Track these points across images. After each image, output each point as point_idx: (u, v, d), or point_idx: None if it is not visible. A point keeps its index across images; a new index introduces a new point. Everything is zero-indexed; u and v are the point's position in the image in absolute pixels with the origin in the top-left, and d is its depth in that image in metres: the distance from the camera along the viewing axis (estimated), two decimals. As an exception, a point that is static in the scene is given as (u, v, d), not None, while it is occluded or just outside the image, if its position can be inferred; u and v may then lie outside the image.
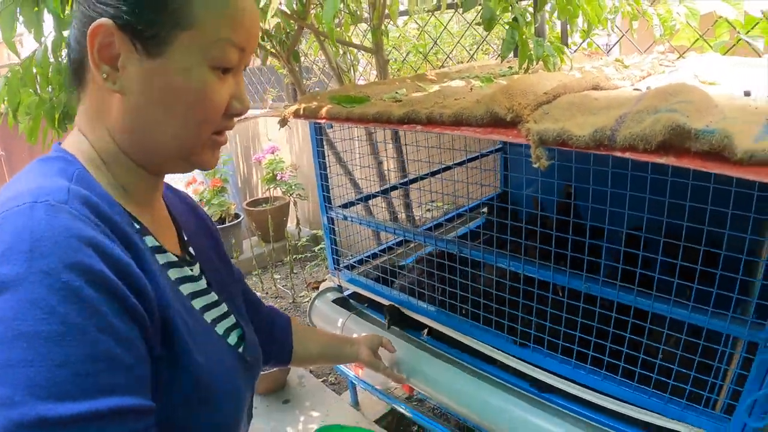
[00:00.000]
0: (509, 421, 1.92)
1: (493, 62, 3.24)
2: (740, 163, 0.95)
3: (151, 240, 0.88)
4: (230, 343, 1.02)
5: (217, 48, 0.83)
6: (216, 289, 1.05)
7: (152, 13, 0.78)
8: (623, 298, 1.66)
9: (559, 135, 1.15)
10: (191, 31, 0.80)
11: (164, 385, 0.80)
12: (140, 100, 0.82)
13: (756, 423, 1.53)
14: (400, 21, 4.45)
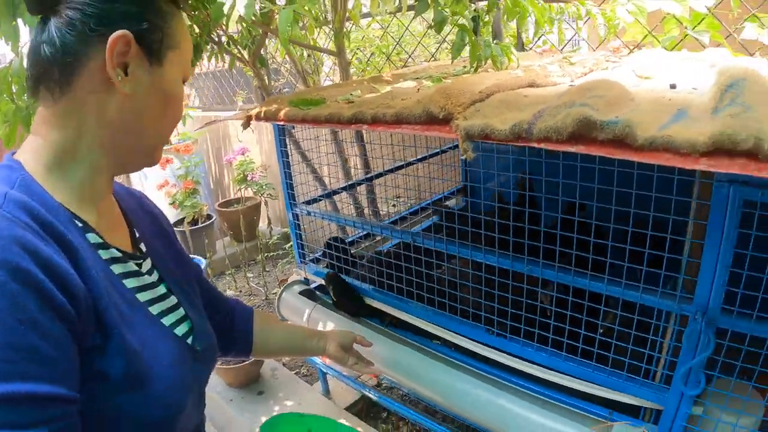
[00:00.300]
0: (460, 395, 2.08)
1: (444, 63, 3.38)
2: (641, 149, 1.12)
3: (94, 237, 0.98)
4: (177, 334, 1.11)
5: (187, 65, 1.05)
6: (167, 282, 1.16)
7: (159, 32, 0.97)
8: (562, 278, 1.81)
9: (483, 130, 1.31)
10: (177, 50, 1.01)
11: (98, 374, 0.89)
12: (145, 101, 0.98)
13: (692, 391, 1.67)
14: (364, 22, 4.58)
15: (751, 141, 1.02)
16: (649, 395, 1.80)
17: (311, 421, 1.63)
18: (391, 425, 3.12)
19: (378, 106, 1.68)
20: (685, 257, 1.62)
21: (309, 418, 1.64)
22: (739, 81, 1.34)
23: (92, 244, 0.97)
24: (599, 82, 1.41)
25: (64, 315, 0.81)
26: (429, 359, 2.21)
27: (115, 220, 1.12)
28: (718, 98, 1.28)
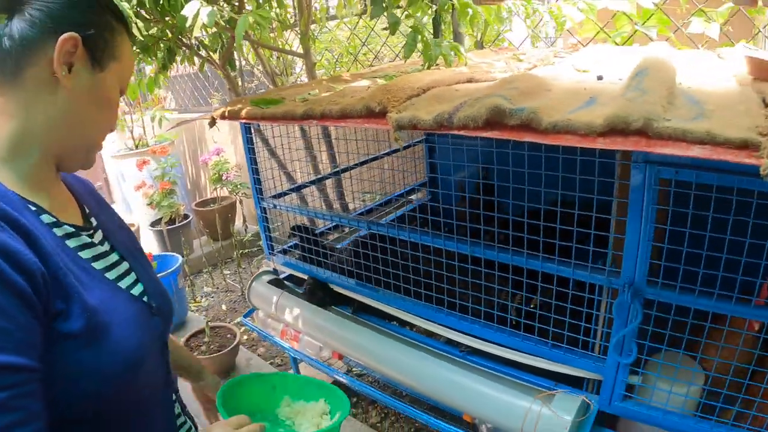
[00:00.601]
0: (418, 373, 2.23)
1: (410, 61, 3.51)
2: (546, 132, 1.27)
3: (47, 218, 1.08)
4: (134, 294, 1.21)
5: (125, 78, 1.17)
6: (119, 251, 1.25)
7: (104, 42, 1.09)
8: (501, 257, 1.94)
9: (411, 120, 1.46)
10: (118, 63, 1.12)
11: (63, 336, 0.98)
12: (83, 99, 1.07)
13: (625, 360, 1.80)
14: (333, 23, 4.70)
15: (641, 121, 1.17)
16: (589, 366, 1.93)
17: (273, 378, 1.66)
18: (360, 409, 3.26)
19: (327, 104, 1.82)
20: (612, 234, 1.75)
21: (269, 376, 1.66)
22: (644, 69, 1.49)
23: (46, 224, 1.06)
24: (520, 76, 1.56)
25: (19, 291, 0.90)
26: (390, 341, 2.35)
27: (66, 200, 1.21)
28: (627, 85, 1.43)
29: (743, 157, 1.10)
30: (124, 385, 1.09)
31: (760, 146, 1.09)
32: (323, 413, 1.57)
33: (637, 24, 3.12)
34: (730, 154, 1.11)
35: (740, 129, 1.16)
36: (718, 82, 1.70)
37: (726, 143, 1.12)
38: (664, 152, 1.15)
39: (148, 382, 1.19)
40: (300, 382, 1.66)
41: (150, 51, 3.27)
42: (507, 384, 2.03)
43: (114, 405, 1.09)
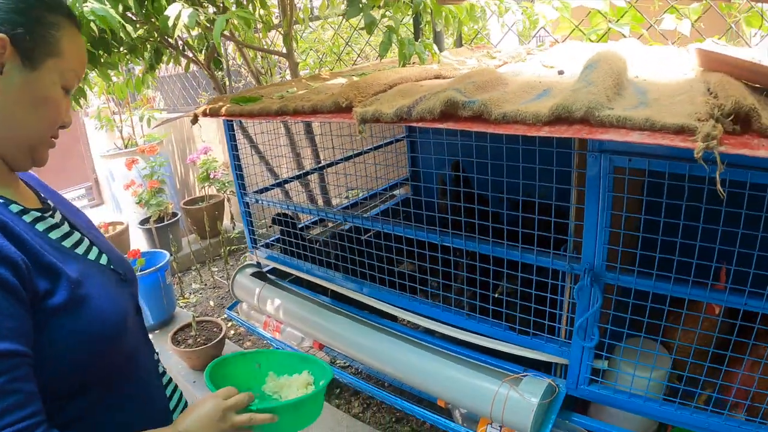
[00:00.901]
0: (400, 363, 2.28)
1: (389, 60, 3.58)
2: (496, 122, 1.35)
3: (15, 207, 1.14)
4: (102, 264, 1.29)
5: (69, 75, 1.16)
6: (77, 229, 1.31)
7: (37, 39, 1.09)
8: (469, 245, 2.02)
9: (374, 114, 1.55)
10: (57, 59, 1.12)
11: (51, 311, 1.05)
12: (15, 99, 1.08)
13: (589, 344, 1.88)
14: (317, 23, 4.77)
15: (583, 110, 1.25)
16: (555, 350, 2.01)
17: (256, 355, 1.68)
18: (343, 400, 3.33)
19: (300, 100, 1.91)
20: (572, 221, 1.82)
21: (253, 354, 1.69)
22: (594, 63, 1.57)
23: (15, 213, 1.13)
24: (480, 71, 1.64)
25: (6, 284, 0.96)
26: (365, 329, 2.42)
27: (23, 190, 1.27)
28: (577, 78, 1.51)
29: (678, 141, 1.18)
30: (109, 349, 1.16)
31: (695, 131, 1.16)
32: (308, 384, 1.61)
33: (611, 22, 3.20)
34: (667, 139, 1.19)
35: (679, 116, 1.24)
36: (671, 74, 1.78)
37: (663, 129, 1.20)
38: (605, 138, 1.23)
39: (132, 343, 1.27)
40: (283, 357, 1.71)
41: (137, 52, 3.34)
42: (477, 369, 2.10)
43: (102, 371, 1.16)
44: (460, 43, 3.72)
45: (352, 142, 3.16)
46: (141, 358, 1.33)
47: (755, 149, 1.15)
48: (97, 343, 1.12)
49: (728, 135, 1.21)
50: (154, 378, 1.39)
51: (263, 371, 1.65)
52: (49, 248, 1.12)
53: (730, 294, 1.61)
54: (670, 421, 1.89)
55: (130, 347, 1.26)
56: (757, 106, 1.22)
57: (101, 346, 1.13)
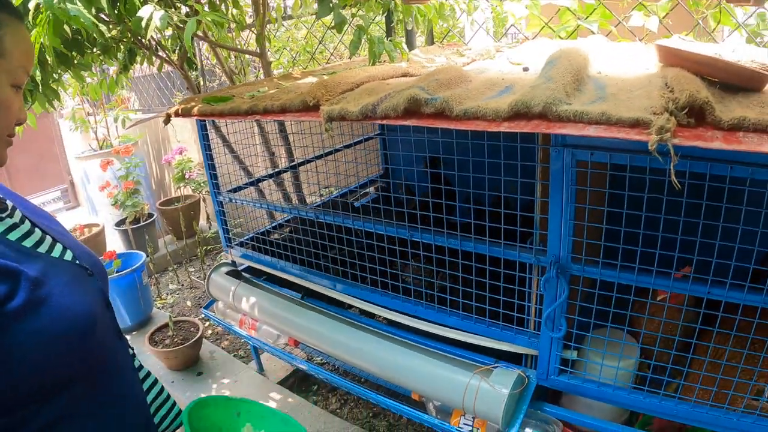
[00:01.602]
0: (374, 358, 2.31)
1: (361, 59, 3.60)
2: (457, 118, 1.39)
3: None
4: (67, 260, 1.27)
5: (17, 72, 1.13)
6: (39, 227, 1.29)
7: None
8: (438, 240, 2.05)
9: (340, 112, 1.59)
10: (2, 59, 1.09)
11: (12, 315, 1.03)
12: None
13: (557, 334, 1.91)
14: (291, 22, 4.79)
15: (541, 105, 1.29)
16: (524, 342, 2.05)
17: (239, 404, 1.67)
18: (321, 396, 3.35)
19: (270, 100, 1.93)
20: (537, 214, 1.86)
21: (236, 401, 1.67)
22: (554, 59, 1.61)
23: None
24: (444, 69, 1.68)
25: None
26: (339, 325, 2.45)
27: None
28: (538, 75, 1.55)
29: (634, 134, 1.22)
30: (81, 345, 1.15)
31: (650, 124, 1.20)
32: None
33: (580, 19, 3.24)
34: (623, 132, 1.23)
35: (634, 110, 1.28)
36: (633, 69, 1.82)
37: (619, 123, 1.25)
38: (563, 133, 1.27)
39: (103, 339, 1.25)
40: (265, 412, 1.69)
41: (111, 52, 3.33)
42: (449, 361, 2.13)
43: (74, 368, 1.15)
44: (432, 41, 3.75)
45: (323, 140, 3.16)
46: (114, 354, 1.32)
47: (709, 141, 1.19)
48: (65, 341, 1.11)
49: (682, 128, 1.25)
50: (129, 373, 1.38)
51: (242, 421, 1.63)
52: (7, 251, 1.11)
53: (693, 283, 1.64)
54: (640, 409, 1.94)
55: (102, 342, 1.25)
56: (712, 100, 1.26)
57: (69, 344, 1.12)
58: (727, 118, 1.23)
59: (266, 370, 3.49)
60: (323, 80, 1.85)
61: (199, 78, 4.54)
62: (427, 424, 2.22)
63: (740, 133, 1.22)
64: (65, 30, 2.44)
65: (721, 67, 1.53)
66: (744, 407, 1.72)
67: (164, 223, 5.80)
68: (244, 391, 3.24)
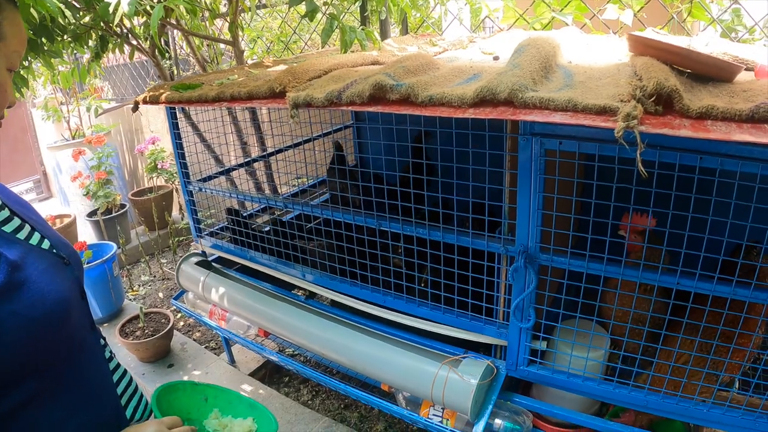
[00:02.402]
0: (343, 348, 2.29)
1: (334, 48, 3.58)
2: (423, 104, 1.38)
3: None
4: (44, 248, 1.28)
5: (13, 56, 1.16)
6: (19, 216, 1.30)
7: None
8: (406, 229, 2.04)
9: (305, 99, 1.57)
10: (1, 43, 1.11)
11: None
12: None
13: (525, 324, 1.91)
14: (265, 11, 4.75)
15: (506, 92, 1.27)
16: (493, 332, 2.04)
17: (206, 389, 1.67)
18: (292, 388, 3.34)
19: (237, 87, 1.91)
20: (505, 204, 1.85)
21: (203, 387, 1.67)
22: (523, 47, 1.60)
23: None
24: (412, 56, 1.67)
25: None
26: (308, 315, 2.44)
27: None
28: (507, 62, 1.53)
29: (600, 122, 1.21)
30: (54, 332, 1.16)
31: (617, 111, 1.19)
32: (249, 431, 1.59)
33: (555, 11, 3.24)
34: (589, 119, 1.22)
35: (601, 97, 1.27)
36: (603, 59, 1.81)
37: (585, 110, 1.23)
38: (528, 119, 1.26)
39: (76, 328, 1.26)
40: (232, 397, 1.69)
41: (81, 40, 3.28)
42: (417, 352, 2.13)
43: (45, 356, 1.15)
44: (406, 31, 3.73)
45: (293, 130, 3.13)
46: (86, 343, 1.32)
47: (676, 129, 1.18)
48: (40, 326, 1.12)
49: (650, 115, 1.24)
50: (100, 363, 1.38)
51: (209, 406, 1.64)
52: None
53: (663, 274, 1.64)
54: (609, 400, 1.95)
55: (76, 331, 1.26)
56: (680, 88, 1.26)
57: (44, 329, 1.13)
58: (695, 107, 1.22)
59: (237, 362, 3.46)
60: (292, 67, 1.82)
61: (172, 67, 4.49)
62: (397, 415, 2.21)
63: (708, 122, 1.21)
64: (32, 15, 2.39)
65: (691, 57, 1.53)
66: (714, 398, 1.73)
67: (137, 213, 5.74)
68: (215, 383, 3.19)
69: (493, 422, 2.00)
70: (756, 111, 1.17)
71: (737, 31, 3.30)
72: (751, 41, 3.29)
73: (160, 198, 5.60)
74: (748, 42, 3.26)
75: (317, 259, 2.39)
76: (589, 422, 1.99)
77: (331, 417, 3.00)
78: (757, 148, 1.37)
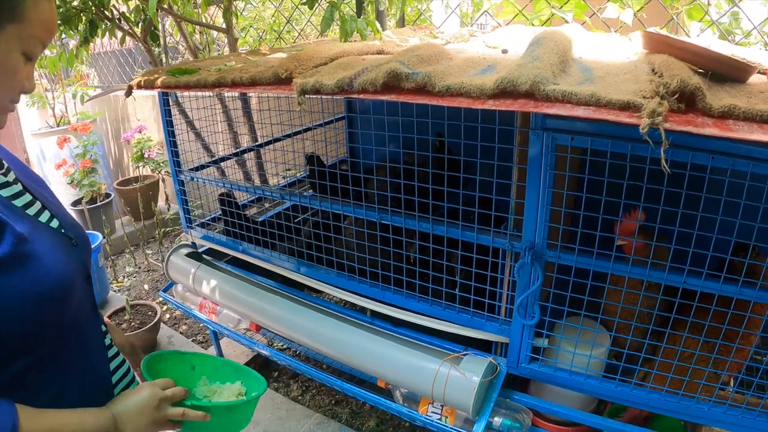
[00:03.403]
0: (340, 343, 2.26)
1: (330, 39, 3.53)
2: (440, 94, 1.34)
3: None
4: (53, 227, 1.27)
5: (31, 42, 1.10)
6: (30, 192, 1.29)
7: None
8: (409, 224, 2.00)
9: (314, 85, 1.51)
10: (18, 24, 1.06)
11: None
12: None
13: (529, 321, 1.88)
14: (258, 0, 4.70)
15: (528, 84, 1.23)
16: (495, 329, 2.01)
17: (193, 358, 1.68)
18: (282, 383, 3.29)
19: (239, 72, 1.86)
20: (513, 199, 1.82)
21: (190, 356, 1.68)
22: (539, 40, 1.56)
23: None
24: (423, 45, 1.63)
25: None
26: (304, 309, 2.39)
27: None
28: (522, 55, 1.50)
29: (624, 117, 1.18)
30: (55, 310, 1.16)
31: (641, 107, 1.16)
32: (239, 394, 1.61)
33: (554, 8, 3.23)
34: (612, 114, 1.19)
35: (624, 93, 1.24)
36: (614, 56, 1.79)
37: (608, 105, 1.20)
38: (551, 113, 1.22)
39: (78, 310, 1.26)
40: (218, 364, 1.70)
41: (71, 23, 3.21)
42: (417, 349, 2.09)
43: (44, 334, 1.16)
44: (403, 23, 3.70)
45: (282, 121, 3.09)
46: (87, 325, 1.32)
47: (701, 127, 1.16)
48: (42, 303, 1.12)
49: (673, 113, 1.21)
50: (99, 348, 1.38)
51: (197, 374, 1.65)
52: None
53: (670, 272, 1.63)
54: (611, 398, 1.93)
55: (76, 313, 1.25)
56: (702, 86, 1.23)
57: (46, 307, 1.13)
58: (718, 106, 1.20)
59: (226, 356, 3.41)
60: (295, 54, 1.77)
61: (161, 54, 4.42)
62: (394, 412, 2.18)
63: (730, 121, 1.19)
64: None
65: (710, 57, 1.51)
66: (715, 397, 1.73)
67: (122, 203, 5.67)
68: (203, 377, 3.16)
69: (493, 420, 1.97)
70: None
71: (735, 34, 3.31)
72: (747, 44, 3.31)
73: (147, 188, 5.53)
74: (745, 45, 3.28)
75: (314, 252, 2.34)
76: (589, 420, 1.98)
77: (322, 413, 2.96)
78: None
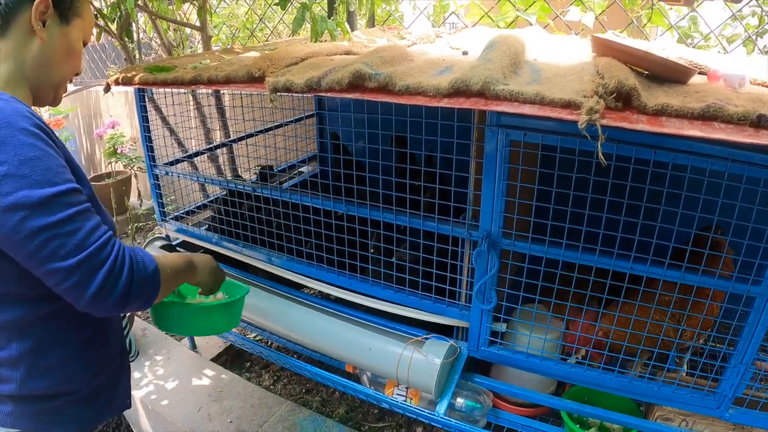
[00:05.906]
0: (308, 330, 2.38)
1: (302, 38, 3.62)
2: (400, 93, 1.47)
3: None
4: None
5: (87, 32, 1.45)
6: None
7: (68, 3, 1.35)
8: (374, 215, 2.12)
9: (285, 84, 1.64)
10: (81, 18, 1.40)
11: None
12: (54, 47, 1.35)
13: (487, 306, 1.99)
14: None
15: (479, 84, 1.36)
16: (456, 314, 2.13)
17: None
18: (254, 373, 3.39)
19: (214, 70, 1.96)
20: (470, 190, 1.94)
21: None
22: (493, 44, 1.69)
23: None
24: (387, 47, 1.76)
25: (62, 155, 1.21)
26: (273, 297, 2.51)
27: None
28: (477, 57, 1.62)
29: (565, 114, 1.31)
30: None
31: (580, 106, 1.29)
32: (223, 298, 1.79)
33: (519, 10, 3.35)
34: (555, 112, 1.32)
35: (567, 92, 1.37)
36: (567, 58, 1.91)
37: (551, 103, 1.33)
38: (499, 110, 1.35)
39: None
40: None
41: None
42: (382, 333, 2.21)
43: None
44: (373, 24, 3.80)
45: (254, 118, 3.18)
46: None
47: (634, 123, 1.29)
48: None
49: (610, 110, 1.34)
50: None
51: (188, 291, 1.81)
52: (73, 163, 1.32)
53: (617, 259, 1.76)
54: (566, 379, 2.08)
55: None
56: (638, 86, 1.36)
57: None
58: (652, 104, 1.33)
59: (199, 347, 3.50)
60: (268, 53, 1.88)
61: (134, 51, 4.48)
62: (362, 395, 2.29)
63: (663, 118, 1.32)
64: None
65: (650, 60, 1.63)
66: (664, 377, 1.86)
67: (94, 199, 5.68)
68: (177, 368, 3.24)
69: (455, 401, 2.09)
70: (707, 109, 1.28)
71: (693, 38, 3.46)
72: (705, 48, 3.46)
73: (119, 183, 5.56)
74: (703, 48, 3.43)
75: (284, 243, 2.44)
76: (547, 401, 2.12)
77: (293, 401, 3.05)
78: (706, 145, 1.52)
